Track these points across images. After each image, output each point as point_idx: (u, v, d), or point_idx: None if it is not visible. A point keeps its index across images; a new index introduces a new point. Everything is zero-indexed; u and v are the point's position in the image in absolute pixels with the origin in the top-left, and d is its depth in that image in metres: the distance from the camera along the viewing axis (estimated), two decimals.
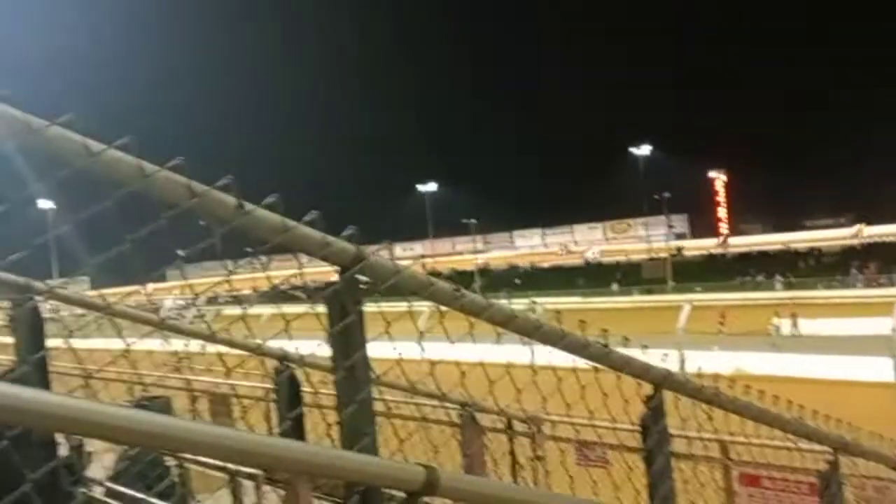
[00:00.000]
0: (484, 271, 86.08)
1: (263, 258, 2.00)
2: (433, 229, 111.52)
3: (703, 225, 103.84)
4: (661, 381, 2.76)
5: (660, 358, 2.92)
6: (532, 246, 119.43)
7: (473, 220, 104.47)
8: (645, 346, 2.74)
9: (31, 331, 2.58)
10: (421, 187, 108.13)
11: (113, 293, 2.61)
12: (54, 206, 1.66)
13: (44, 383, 2.63)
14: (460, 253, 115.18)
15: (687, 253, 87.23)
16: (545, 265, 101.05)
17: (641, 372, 2.70)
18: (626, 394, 2.77)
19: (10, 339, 2.96)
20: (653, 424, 2.72)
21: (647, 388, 2.84)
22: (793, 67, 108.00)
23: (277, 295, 2.37)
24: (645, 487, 2.83)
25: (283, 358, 3.87)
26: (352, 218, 2.16)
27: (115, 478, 4.71)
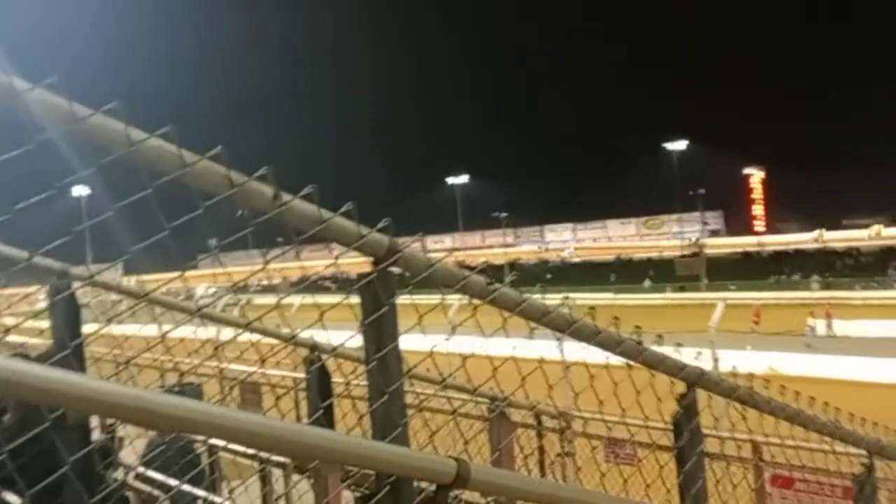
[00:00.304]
0: (514, 265, 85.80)
1: (297, 249, 2.01)
2: (463, 222, 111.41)
3: (739, 222, 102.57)
4: (696, 379, 2.73)
5: (693, 356, 2.88)
6: (563, 241, 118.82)
7: (504, 214, 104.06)
8: (679, 344, 2.70)
9: (67, 315, 2.61)
10: (451, 180, 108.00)
11: (149, 280, 2.64)
12: (89, 193, 1.68)
13: (80, 368, 2.67)
14: (490, 246, 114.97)
15: (717, 251, 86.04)
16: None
17: (675, 370, 2.68)
18: (657, 391, 2.74)
19: (44, 324, 3.02)
20: (685, 423, 2.69)
21: (679, 386, 2.82)
22: (835, 62, 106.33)
23: (308, 285, 2.39)
24: (674, 486, 2.81)
25: (314, 347, 3.89)
26: (382, 209, 2.17)
27: (146, 463, 4.78)
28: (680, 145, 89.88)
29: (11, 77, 1.43)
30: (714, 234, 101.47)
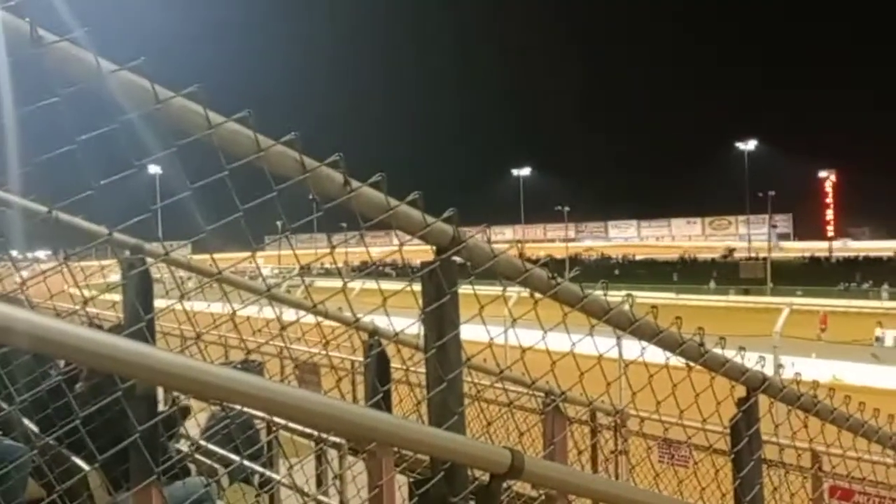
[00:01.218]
0: (574, 260, 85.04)
1: (363, 234, 2.04)
2: (525, 214, 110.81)
3: (808, 226, 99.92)
4: (757, 385, 2.69)
5: (756, 360, 2.82)
6: (626, 238, 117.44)
7: (567, 208, 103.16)
8: (741, 348, 2.64)
9: (140, 290, 2.69)
10: (515, 171, 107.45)
11: (218, 259, 2.71)
12: (160, 172, 1.74)
13: (151, 341, 2.76)
14: (551, 240, 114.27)
15: (784, 255, 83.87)
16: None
17: (737, 374, 2.64)
18: (715, 394, 2.71)
19: (115, 296, 3.11)
20: (745, 428, 2.66)
21: (738, 390, 2.78)
22: None
23: (367, 270, 2.43)
24: (727, 490, 2.77)
25: (373, 332, 3.94)
26: (444, 198, 2.19)
27: (206, 436, 4.91)
28: (750, 145, 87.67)
29: (98, 58, 1.49)
30: (782, 237, 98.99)
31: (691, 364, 2.57)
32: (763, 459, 2.98)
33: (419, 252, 2.15)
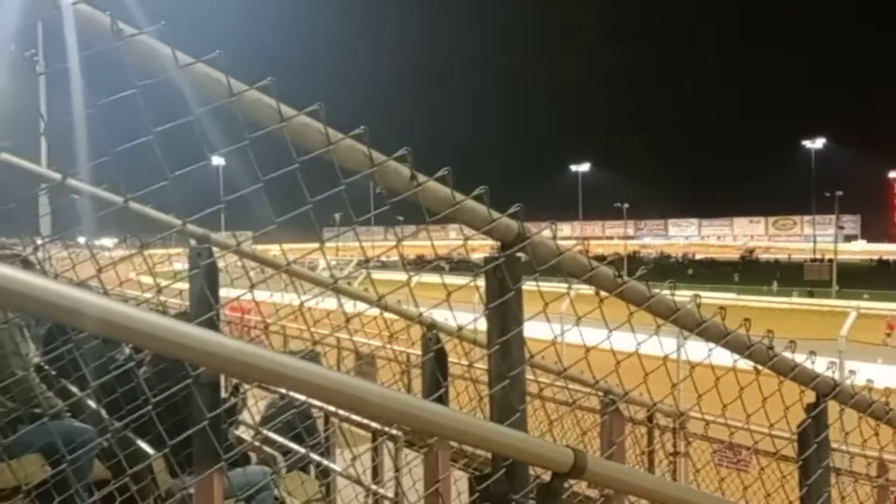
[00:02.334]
0: (632, 258, 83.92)
1: (427, 228, 2.04)
2: (583, 211, 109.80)
3: (877, 228, 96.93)
4: (829, 391, 2.62)
5: (826, 366, 2.74)
6: (686, 236, 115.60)
7: (626, 205, 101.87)
8: (812, 353, 2.57)
9: (207, 279, 2.74)
10: (574, 167, 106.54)
11: (279, 250, 2.74)
12: (223, 164, 1.77)
13: (217, 329, 2.81)
14: (610, 237, 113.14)
15: (850, 257, 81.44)
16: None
17: (807, 379, 2.57)
18: (783, 399, 2.64)
19: (179, 284, 3.17)
20: (813, 435, 2.58)
21: (807, 396, 2.70)
22: None
23: (426, 265, 2.43)
24: (795, 498, 2.71)
25: (431, 326, 3.95)
26: (501, 193, 2.17)
27: (265, 424, 4.99)
28: (818, 143, 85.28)
29: (175, 50, 1.52)
30: (849, 238, 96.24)
31: (759, 367, 2.51)
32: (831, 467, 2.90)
33: (479, 247, 2.14)
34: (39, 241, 3.52)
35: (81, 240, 3.51)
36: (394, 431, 4.54)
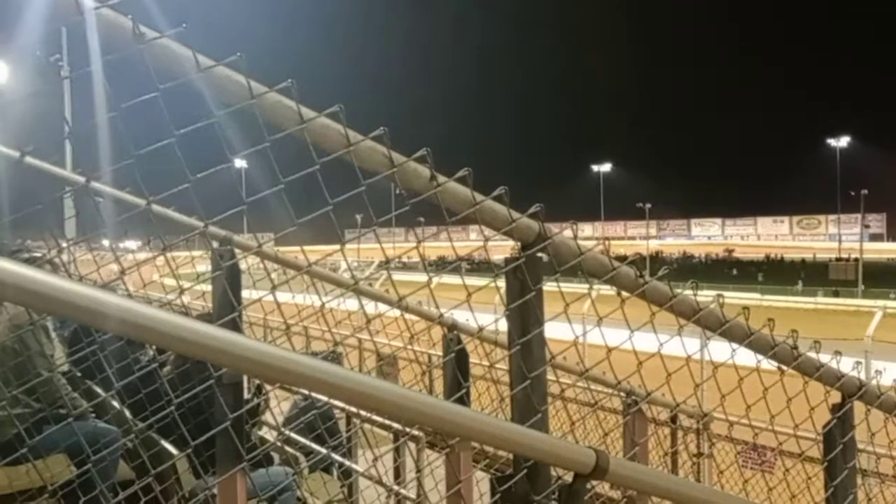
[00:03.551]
0: (654, 258, 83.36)
1: (447, 230, 2.04)
2: (605, 211, 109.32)
3: None
4: (854, 391, 2.59)
5: (852, 366, 2.71)
6: (710, 236, 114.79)
7: (648, 205, 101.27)
8: (838, 353, 2.54)
9: (230, 281, 2.76)
10: (595, 167, 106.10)
11: (299, 251, 2.75)
12: (245, 166, 1.78)
13: (239, 330, 2.82)
14: (632, 238, 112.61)
15: (877, 256, 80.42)
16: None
17: (832, 380, 2.54)
18: (805, 400, 2.61)
19: (203, 287, 3.19)
20: (839, 436, 2.55)
21: (833, 396, 2.67)
22: None
23: (446, 265, 2.44)
24: (812, 499, 2.68)
25: (452, 327, 3.95)
26: (522, 193, 2.16)
27: (288, 425, 5.01)
28: (843, 142, 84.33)
29: (196, 53, 1.53)
30: (875, 238, 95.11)
31: (783, 368, 2.48)
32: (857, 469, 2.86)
33: (496, 248, 2.14)
34: (64, 244, 3.56)
35: (105, 242, 3.54)
36: (415, 432, 4.54)
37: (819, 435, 2.64)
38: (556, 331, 2.30)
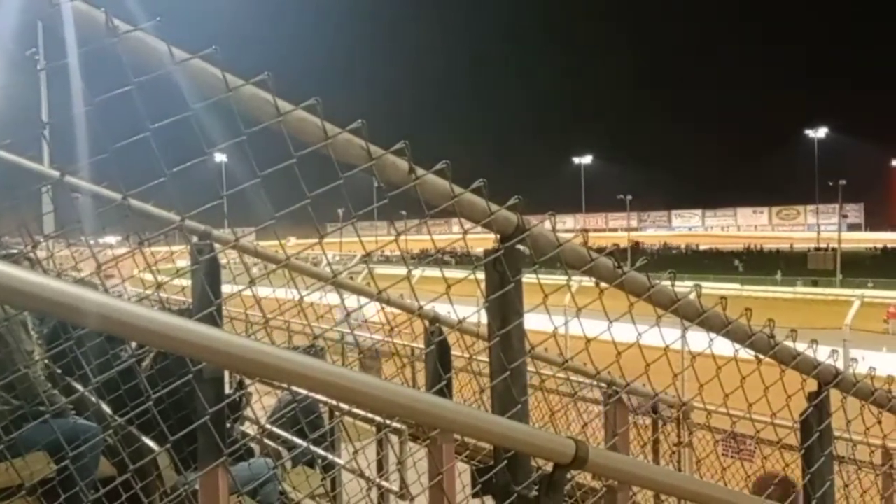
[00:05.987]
0: (635, 249, 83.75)
1: (426, 222, 2.04)
2: (586, 203, 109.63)
3: (881, 216, 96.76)
4: (831, 379, 2.62)
5: (828, 354, 2.74)
6: (690, 227, 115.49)
7: (629, 196, 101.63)
8: (814, 342, 2.57)
9: (209, 275, 2.74)
10: (576, 159, 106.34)
11: (280, 245, 2.74)
12: (225, 160, 1.77)
13: (219, 325, 2.81)
14: (613, 229, 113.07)
15: (854, 246, 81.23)
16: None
17: (808, 368, 2.57)
18: (782, 388, 2.64)
19: (183, 282, 3.17)
20: (816, 423, 2.59)
21: (809, 385, 2.70)
22: None
23: (429, 258, 2.44)
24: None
25: (434, 320, 3.95)
26: (504, 186, 2.17)
27: (271, 420, 5.00)
28: (820, 132, 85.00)
29: (171, 46, 1.52)
30: (853, 227, 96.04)
31: (760, 357, 2.51)
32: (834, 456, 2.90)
33: (480, 241, 2.14)
34: (41, 239, 3.53)
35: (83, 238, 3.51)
36: (397, 425, 4.55)
37: (796, 423, 2.67)
38: (537, 322, 2.31)
